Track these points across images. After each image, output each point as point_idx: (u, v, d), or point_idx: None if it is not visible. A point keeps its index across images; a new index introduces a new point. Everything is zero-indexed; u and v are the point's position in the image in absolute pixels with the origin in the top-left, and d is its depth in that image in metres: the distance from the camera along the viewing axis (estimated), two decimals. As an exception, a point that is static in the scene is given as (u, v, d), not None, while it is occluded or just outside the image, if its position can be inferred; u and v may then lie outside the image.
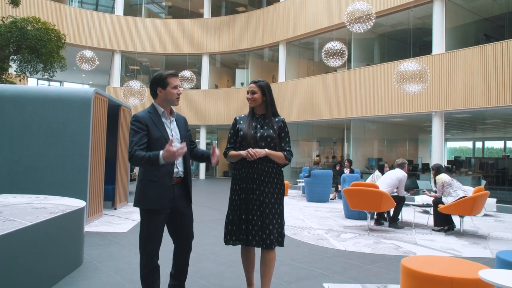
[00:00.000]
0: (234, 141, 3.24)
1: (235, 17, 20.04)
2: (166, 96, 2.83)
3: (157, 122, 2.79)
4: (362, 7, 8.16)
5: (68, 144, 6.39)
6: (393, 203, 6.91)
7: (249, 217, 3.08)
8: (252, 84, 3.21)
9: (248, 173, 3.10)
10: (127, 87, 12.69)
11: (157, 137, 2.75)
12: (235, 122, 3.26)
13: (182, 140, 2.87)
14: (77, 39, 18.58)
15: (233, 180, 3.21)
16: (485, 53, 11.19)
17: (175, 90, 2.84)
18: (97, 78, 24.42)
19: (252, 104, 3.19)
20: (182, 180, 2.91)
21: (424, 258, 3.28)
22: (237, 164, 3.17)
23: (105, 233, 5.94)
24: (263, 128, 3.14)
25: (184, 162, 2.93)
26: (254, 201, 3.08)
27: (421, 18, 14.22)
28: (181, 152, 2.58)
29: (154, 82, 2.84)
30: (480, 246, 5.95)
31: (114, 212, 7.98)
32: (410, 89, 9.90)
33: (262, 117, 3.20)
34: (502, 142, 24.73)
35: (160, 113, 2.85)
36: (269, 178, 3.12)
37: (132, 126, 2.75)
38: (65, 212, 3.76)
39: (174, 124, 2.93)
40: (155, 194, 2.72)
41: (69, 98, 6.48)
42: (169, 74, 2.83)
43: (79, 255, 4.24)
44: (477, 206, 6.62)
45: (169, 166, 2.74)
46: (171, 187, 2.77)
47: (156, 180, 2.72)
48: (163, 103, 2.86)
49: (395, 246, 5.74)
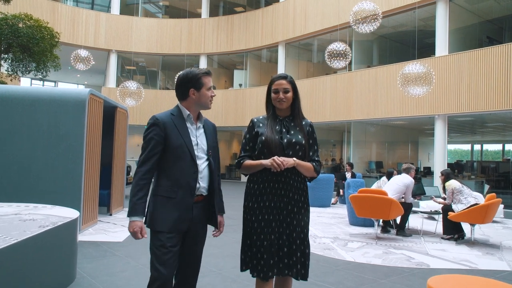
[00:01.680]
0: (250, 148, 2.62)
1: (234, 17, 19.74)
2: (199, 98, 2.41)
3: (180, 127, 2.37)
4: (369, 6, 7.88)
5: (61, 148, 6.05)
6: (402, 210, 6.62)
7: (274, 242, 2.48)
8: (282, 80, 2.59)
9: (273, 188, 2.50)
10: (123, 87, 12.35)
11: (178, 145, 2.32)
12: (252, 125, 2.64)
13: (209, 152, 2.46)
14: (72, 38, 18.21)
15: (249, 196, 2.56)
16: (490, 56, 10.96)
17: (209, 92, 2.44)
18: (92, 78, 24.03)
19: (283, 106, 2.58)
20: (204, 199, 2.44)
21: (452, 278, 2.99)
22: (255, 176, 2.56)
23: (100, 243, 5.60)
24: (290, 133, 2.55)
25: (210, 176, 2.45)
26: (280, 222, 2.49)
27: (423, 19, 14.00)
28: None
29: (185, 81, 2.40)
30: (495, 257, 5.67)
31: (109, 218, 7.64)
32: (414, 92, 9.65)
33: (287, 119, 2.62)
34: (501, 145, 24.63)
35: (185, 116, 2.42)
36: (297, 195, 2.54)
37: (146, 129, 2.34)
38: (56, 225, 3.43)
39: (201, 131, 2.49)
40: (172, 215, 2.29)
41: (62, 99, 6.14)
42: (204, 73, 2.41)
43: (72, 270, 3.91)
44: (489, 214, 6.34)
45: (190, 180, 2.33)
46: (190, 207, 2.34)
47: (174, 197, 2.30)
48: (193, 106, 2.44)
49: (406, 257, 5.45)
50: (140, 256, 4.94)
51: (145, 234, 2.23)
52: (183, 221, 2.31)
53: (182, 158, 2.31)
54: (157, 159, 2.30)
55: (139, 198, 2.23)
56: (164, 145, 2.31)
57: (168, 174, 2.31)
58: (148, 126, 2.34)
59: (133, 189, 2.25)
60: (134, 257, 4.90)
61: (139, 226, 2.22)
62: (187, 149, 2.33)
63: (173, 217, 2.29)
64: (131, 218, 2.23)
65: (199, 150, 2.40)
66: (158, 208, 2.30)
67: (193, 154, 2.34)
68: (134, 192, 2.24)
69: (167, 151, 2.31)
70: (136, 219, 2.22)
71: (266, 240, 2.46)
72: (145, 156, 2.29)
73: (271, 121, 2.59)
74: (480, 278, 3.04)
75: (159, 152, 2.30)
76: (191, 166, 2.33)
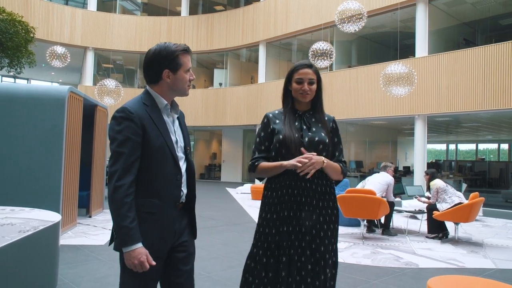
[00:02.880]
0: (266, 148, 2.22)
1: (214, 16, 19.55)
2: (175, 83, 1.87)
3: (158, 121, 1.84)
4: (354, 6, 7.86)
5: (39, 148, 5.78)
6: (388, 209, 6.63)
7: (293, 258, 2.05)
8: (308, 69, 2.18)
9: (292, 194, 2.08)
10: (101, 85, 12.01)
11: (158, 146, 1.80)
12: (268, 121, 2.24)
13: (187, 149, 1.98)
14: (46, 34, 17.62)
15: (266, 206, 2.17)
16: (469, 57, 11.15)
17: (188, 74, 1.90)
18: (67, 76, 23.40)
19: (306, 99, 2.20)
20: (184, 205, 1.98)
21: (451, 279, 2.95)
22: (274, 181, 2.16)
23: (80, 247, 5.37)
24: (311, 130, 2.17)
25: (189, 180, 1.98)
26: (302, 235, 2.07)
27: (403, 21, 14.16)
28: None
29: (158, 60, 1.84)
30: (479, 255, 5.72)
31: (89, 220, 7.37)
32: (396, 92, 9.73)
33: (308, 115, 2.23)
34: (474, 144, 25.28)
35: (161, 106, 1.89)
36: (323, 201, 2.12)
37: (115, 127, 1.77)
38: (38, 230, 3.22)
39: (177, 123, 1.98)
40: (154, 234, 1.79)
41: (40, 97, 5.87)
42: (182, 50, 1.86)
43: (53, 276, 3.70)
44: (473, 213, 6.41)
45: (174, 189, 1.85)
46: (173, 220, 1.86)
47: (155, 211, 1.80)
48: (168, 93, 1.90)
49: (394, 257, 5.43)
50: (124, 260, 4.74)
51: (152, 260, 1.73)
52: (166, 240, 1.84)
53: (163, 163, 1.81)
54: (138, 166, 1.78)
55: (132, 219, 1.70)
56: (141, 146, 1.78)
57: (146, 184, 1.79)
58: (118, 121, 1.77)
59: (118, 210, 1.69)
60: (118, 261, 4.69)
61: (144, 253, 1.71)
62: (169, 151, 1.84)
63: (155, 238, 1.80)
64: (130, 247, 1.69)
65: (178, 149, 1.92)
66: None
67: (175, 156, 1.86)
68: (123, 214, 1.69)
69: (144, 154, 1.79)
70: (138, 246, 1.70)
71: (284, 255, 2.06)
72: (124, 163, 1.72)
73: (289, 116, 2.20)
74: (479, 278, 3.01)
75: (139, 157, 1.77)
76: (174, 171, 1.85)
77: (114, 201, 1.71)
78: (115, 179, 1.71)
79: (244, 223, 7.98)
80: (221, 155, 20.81)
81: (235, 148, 20.27)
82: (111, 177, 1.73)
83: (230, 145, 20.41)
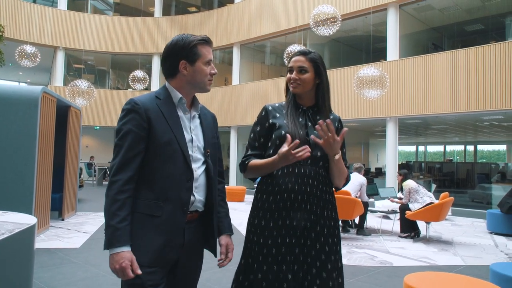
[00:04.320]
0: (261, 145, 1.95)
1: (188, 17, 19.45)
2: (194, 76, 1.71)
3: (169, 115, 1.68)
4: (329, 10, 8.01)
5: (10, 149, 5.61)
6: (363, 209, 6.79)
7: (298, 275, 1.79)
8: (300, 56, 1.94)
9: (291, 199, 1.81)
10: (73, 86, 11.74)
11: (166, 141, 1.63)
12: (266, 114, 1.96)
13: (207, 151, 1.77)
14: (14, 33, 17.06)
15: (259, 211, 1.88)
16: (436, 62, 11.52)
17: (208, 67, 1.74)
18: (36, 76, 22.75)
19: (297, 90, 1.93)
20: (200, 216, 1.75)
21: (426, 275, 3.06)
22: (270, 183, 1.88)
23: (54, 250, 5.25)
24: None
25: (208, 187, 1.76)
26: (307, 248, 1.81)
27: (374, 25, 14.50)
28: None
29: (175, 51, 1.70)
30: (449, 253, 5.93)
31: (62, 223, 7.20)
32: (369, 94, 9.94)
33: (311, 110, 1.97)
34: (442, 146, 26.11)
35: (176, 101, 1.73)
36: (326, 209, 1.87)
37: (121, 119, 1.64)
38: (14, 233, 3.15)
39: (196, 122, 1.79)
40: (155, 240, 1.60)
41: (12, 97, 5.70)
42: (201, 40, 1.72)
43: (28, 281, 3.60)
44: (443, 212, 6.65)
45: (182, 191, 1.64)
46: (181, 230, 1.65)
47: (159, 214, 1.61)
48: (185, 87, 1.74)
49: (369, 256, 5.57)
50: (101, 262, 4.67)
51: (137, 268, 1.54)
52: (171, 250, 1.64)
53: (171, 160, 1.64)
54: (140, 161, 1.62)
55: (122, 219, 1.53)
56: (148, 141, 1.63)
57: (150, 183, 1.63)
58: (124, 114, 1.65)
59: (109, 207, 1.56)
60: (94, 264, 4.63)
61: (129, 258, 1.53)
62: (179, 147, 1.65)
63: (156, 243, 1.60)
64: (114, 249, 1.52)
65: (194, 148, 1.73)
66: (135, 231, 1.60)
67: (187, 155, 1.66)
68: (112, 212, 1.54)
69: (150, 150, 1.63)
70: (122, 250, 1.53)
71: (289, 271, 1.77)
72: (122, 157, 1.59)
73: (292, 110, 1.94)
74: (452, 274, 3.14)
75: (142, 152, 1.62)
76: (183, 171, 1.65)
77: (106, 197, 1.59)
78: (111, 174, 1.60)
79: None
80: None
81: (209, 150, 20.20)
82: (110, 171, 1.64)
83: (204, 147, 20.32)
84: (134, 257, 1.55)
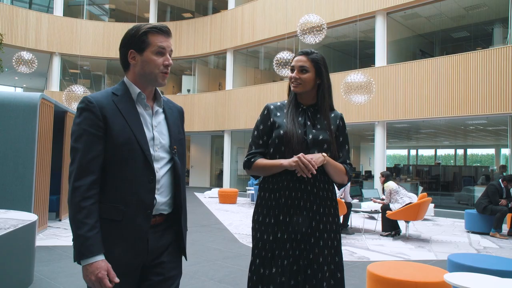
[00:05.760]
0: (264, 143, 2.01)
1: (182, 23, 19.83)
2: (143, 66, 1.60)
3: (127, 112, 1.57)
4: (315, 19, 8.41)
5: (10, 153, 5.95)
6: (345, 209, 7.16)
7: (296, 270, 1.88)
8: (302, 55, 2.01)
9: (289, 197, 1.90)
10: (69, 91, 12.07)
11: (124, 141, 1.53)
12: (268, 113, 2.04)
13: (173, 148, 1.66)
14: (10, 39, 17.35)
15: (261, 208, 1.96)
16: (423, 68, 11.95)
17: (160, 57, 1.60)
18: (32, 81, 23.00)
19: (297, 89, 2.00)
20: (166, 219, 1.66)
21: (388, 264, 3.43)
22: (271, 181, 1.95)
23: (53, 247, 5.59)
24: (316, 128, 1.98)
25: (175, 186, 1.67)
26: (304, 244, 1.88)
27: (364, 31, 14.93)
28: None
29: (125, 40, 1.63)
30: (425, 249, 6.31)
31: (59, 223, 7.53)
32: (356, 100, 10.33)
33: (312, 109, 2.03)
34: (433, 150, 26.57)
35: (135, 97, 1.62)
36: (324, 206, 1.93)
37: (75, 119, 1.54)
38: (18, 227, 3.49)
39: (159, 118, 1.68)
40: (116, 247, 1.52)
41: (12, 103, 6.05)
42: (150, 28, 1.60)
43: (29, 273, 3.95)
44: (421, 212, 7.02)
45: (144, 193, 1.55)
46: (144, 231, 1.55)
47: (119, 219, 1.52)
48: (139, 80, 1.63)
49: (349, 252, 5.93)
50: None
51: (115, 277, 1.46)
52: (135, 255, 1.54)
53: (131, 161, 1.53)
54: (101, 163, 1.52)
55: (91, 227, 1.44)
56: (105, 141, 1.52)
57: (108, 185, 1.53)
58: (78, 114, 1.54)
59: (75, 216, 1.45)
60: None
61: (104, 268, 1.44)
62: (139, 147, 1.54)
63: (119, 249, 1.52)
64: (86, 260, 1.43)
65: (157, 147, 1.62)
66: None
67: (148, 154, 1.56)
68: (79, 220, 1.44)
69: (108, 150, 1.53)
70: (96, 259, 1.44)
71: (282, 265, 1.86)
72: (80, 161, 1.48)
73: (292, 109, 2.00)
74: (413, 263, 3.51)
75: (101, 153, 1.52)
76: (144, 172, 1.55)
77: (71, 206, 1.47)
78: (72, 180, 1.48)
79: (211, 224, 8.33)
80: (189, 160, 21.04)
81: (203, 153, 20.56)
82: (69, 178, 1.51)
83: (198, 151, 20.68)
84: (109, 266, 1.47)
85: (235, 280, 4.32)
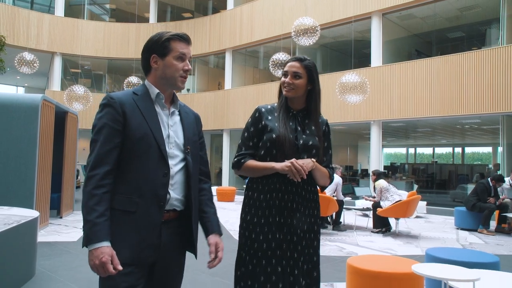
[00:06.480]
0: (254, 144, 2.06)
1: (182, 23, 20.05)
2: (164, 70, 1.72)
3: (146, 110, 1.68)
4: (308, 22, 8.63)
5: (13, 152, 6.19)
6: (337, 207, 7.38)
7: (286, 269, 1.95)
8: (295, 61, 2.07)
9: (282, 199, 1.97)
10: (70, 91, 12.31)
11: (141, 136, 1.63)
12: (259, 116, 2.08)
13: (187, 147, 1.75)
14: (12, 39, 17.59)
15: (251, 208, 2.02)
16: (417, 68, 12.16)
17: (181, 63, 1.73)
18: (33, 81, 23.24)
19: (289, 94, 2.06)
20: (179, 216, 1.73)
21: (366, 257, 3.66)
22: (260, 182, 2.02)
23: (54, 243, 5.83)
24: (306, 133, 2.05)
25: (187, 185, 1.74)
26: (293, 244, 1.97)
27: (361, 32, 15.13)
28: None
29: (149, 46, 1.75)
30: (412, 245, 6.54)
31: (60, 221, 7.78)
32: (351, 99, 10.55)
33: (301, 114, 2.11)
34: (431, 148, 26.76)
35: (154, 97, 1.74)
36: (310, 208, 2.05)
37: (97, 114, 1.65)
38: (21, 223, 3.73)
39: (175, 118, 1.79)
40: (130, 237, 1.58)
41: (15, 104, 6.29)
42: (173, 35, 1.73)
43: (32, 266, 4.19)
44: (410, 209, 7.25)
45: (158, 187, 1.63)
46: (157, 227, 1.63)
47: (133, 210, 1.59)
48: (159, 82, 1.75)
49: (339, 248, 6.16)
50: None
51: (118, 264, 1.51)
52: (146, 248, 1.60)
53: (147, 155, 1.62)
54: (118, 155, 1.61)
55: (100, 214, 1.52)
56: (124, 135, 1.62)
57: (124, 177, 1.62)
58: (100, 108, 1.66)
59: (87, 202, 1.54)
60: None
61: (109, 253, 1.50)
62: (155, 142, 1.64)
63: (131, 240, 1.58)
64: (93, 245, 1.50)
65: (171, 145, 1.72)
66: (111, 227, 1.57)
67: (163, 149, 1.66)
68: (90, 207, 1.53)
69: (125, 144, 1.62)
70: (101, 245, 1.50)
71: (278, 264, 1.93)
72: (98, 152, 1.58)
73: (283, 114, 2.07)
74: (389, 256, 3.74)
75: (118, 145, 1.61)
76: (159, 166, 1.64)
77: (84, 193, 1.56)
78: (88, 169, 1.58)
79: (208, 222, 8.56)
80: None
81: (203, 152, 20.78)
82: (86, 168, 1.62)
83: (198, 149, 20.90)
84: (114, 252, 1.52)
85: (227, 274, 4.54)
